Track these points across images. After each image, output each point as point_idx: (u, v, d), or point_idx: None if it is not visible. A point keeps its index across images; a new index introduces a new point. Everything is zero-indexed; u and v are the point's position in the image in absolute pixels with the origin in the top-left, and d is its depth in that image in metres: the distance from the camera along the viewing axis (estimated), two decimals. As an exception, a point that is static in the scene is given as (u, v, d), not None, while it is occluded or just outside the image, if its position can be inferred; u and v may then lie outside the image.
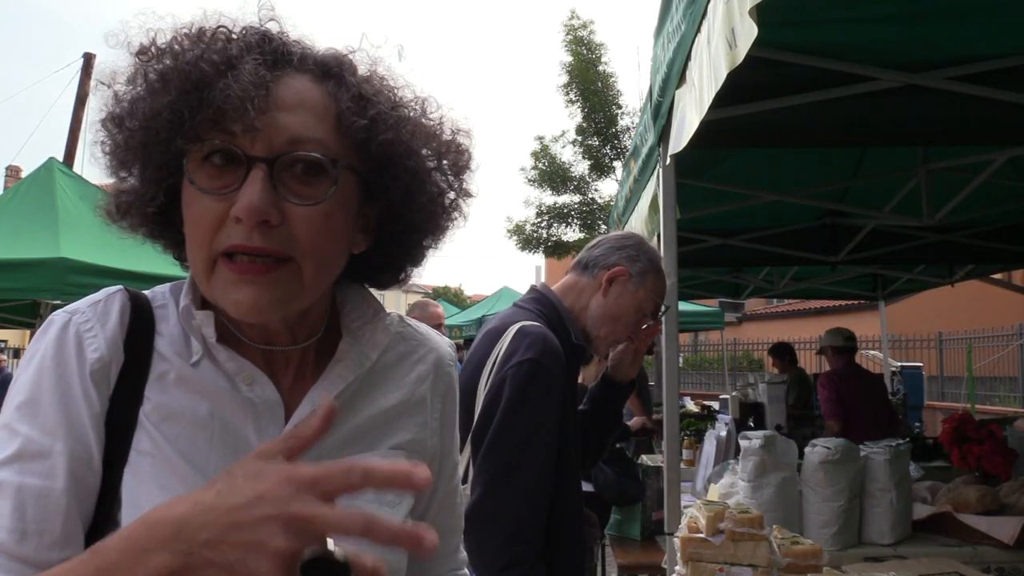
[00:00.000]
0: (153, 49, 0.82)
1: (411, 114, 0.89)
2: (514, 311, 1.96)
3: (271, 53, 0.82)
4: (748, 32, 1.56)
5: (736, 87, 1.83)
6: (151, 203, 0.86)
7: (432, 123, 0.92)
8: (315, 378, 0.92)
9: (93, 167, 0.88)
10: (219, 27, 0.82)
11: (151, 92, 0.79)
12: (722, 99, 2.10)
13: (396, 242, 0.95)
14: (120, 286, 0.92)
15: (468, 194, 0.96)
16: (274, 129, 0.79)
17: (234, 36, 0.82)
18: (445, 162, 0.92)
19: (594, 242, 2.12)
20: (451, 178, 0.93)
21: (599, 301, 1.98)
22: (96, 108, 0.85)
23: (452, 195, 0.94)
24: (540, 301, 1.98)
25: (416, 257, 0.98)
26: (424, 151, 0.89)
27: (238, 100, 0.76)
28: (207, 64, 0.77)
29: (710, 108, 2.00)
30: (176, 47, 0.80)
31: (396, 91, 0.89)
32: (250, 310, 0.80)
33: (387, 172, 0.87)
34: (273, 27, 0.85)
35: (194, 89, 0.77)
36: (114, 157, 0.85)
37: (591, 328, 1.99)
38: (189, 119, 0.78)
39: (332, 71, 0.86)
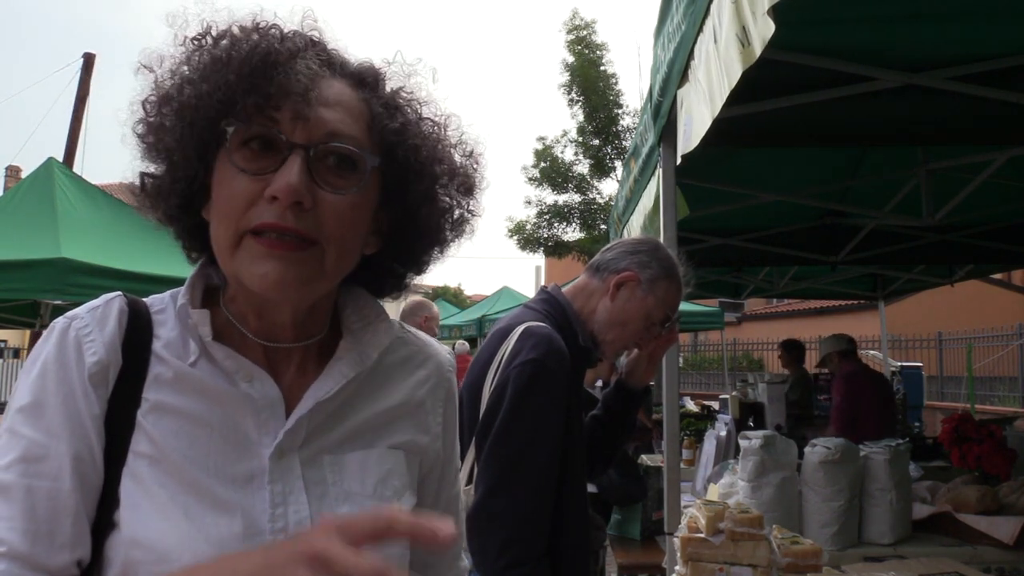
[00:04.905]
0: (211, 35, 0.87)
1: (433, 129, 0.95)
2: (522, 311, 1.96)
3: (318, 56, 0.88)
4: (763, 30, 1.56)
5: (736, 87, 1.83)
6: (179, 183, 0.89)
7: (450, 142, 0.97)
8: (316, 375, 0.94)
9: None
10: (273, 25, 0.88)
11: (204, 74, 0.84)
12: (722, 99, 2.09)
13: (405, 248, 0.99)
14: (119, 292, 0.94)
15: (476, 212, 1.01)
16: (315, 121, 0.84)
17: (287, 36, 0.87)
18: (458, 178, 0.98)
19: (609, 245, 2.10)
20: (462, 195, 0.99)
21: (606, 305, 1.96)
22: (130, 94, 0.89)
23: (461, 211, 0.99)
24: (549, 302, 1.97)
25: (420, 266, 1.02)
26: (442, 165, 0.95)
27: (298, 91, 0.82)
28: (270, 52, 0.83)
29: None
30: (237, 32, 0.86)
31: (421, 107, 0.95)
32: (274, 284, 0.83)
33: (408, 178, 0.92)
34: (315, 36, 0.91)
35: (250, 74, 0.82)
36: (150, 135, 0.88)
37: (597, 332, 1.97)
38: (240, 101, 0.82)
39: (367, 81, 0.92)
